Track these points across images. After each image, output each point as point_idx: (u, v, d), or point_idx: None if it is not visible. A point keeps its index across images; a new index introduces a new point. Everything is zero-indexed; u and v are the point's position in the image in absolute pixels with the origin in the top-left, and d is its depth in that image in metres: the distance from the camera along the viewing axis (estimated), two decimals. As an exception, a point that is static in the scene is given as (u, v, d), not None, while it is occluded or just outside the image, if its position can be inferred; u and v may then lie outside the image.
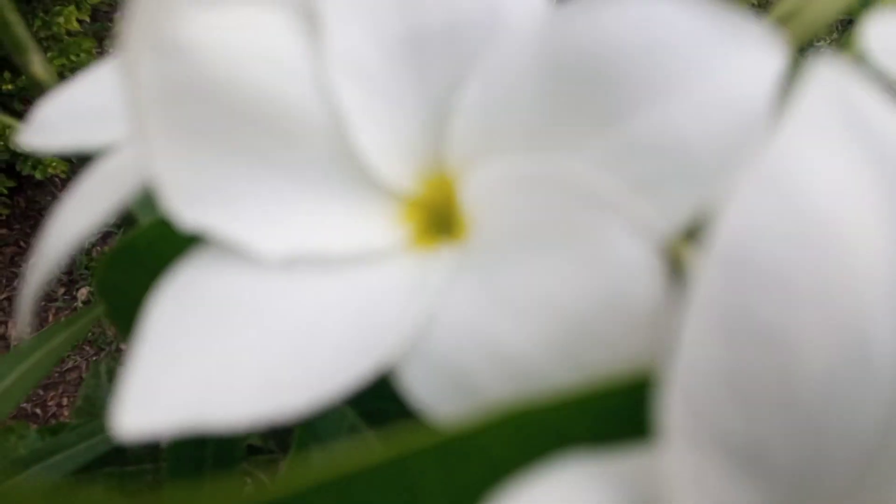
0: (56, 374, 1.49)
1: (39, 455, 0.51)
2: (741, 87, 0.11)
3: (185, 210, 0.12)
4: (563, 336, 0.11)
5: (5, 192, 1.36)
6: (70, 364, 1.48)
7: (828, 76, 0.08)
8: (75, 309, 1.63)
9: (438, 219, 0.14)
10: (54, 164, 1.31)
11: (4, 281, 1.65)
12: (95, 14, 1.40)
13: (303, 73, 0.13)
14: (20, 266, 1.67)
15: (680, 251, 0.11)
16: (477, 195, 0.13)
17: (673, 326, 0.08)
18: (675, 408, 0.08)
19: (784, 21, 0.20)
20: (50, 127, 0.17)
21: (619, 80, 0.12)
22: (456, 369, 0.11)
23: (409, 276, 0.13)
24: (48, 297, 1.61)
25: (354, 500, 0.07)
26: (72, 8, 1.27)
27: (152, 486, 0.71)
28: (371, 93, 0.13)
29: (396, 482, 0.07)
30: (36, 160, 1.31)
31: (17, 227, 1.66)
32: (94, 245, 1.53)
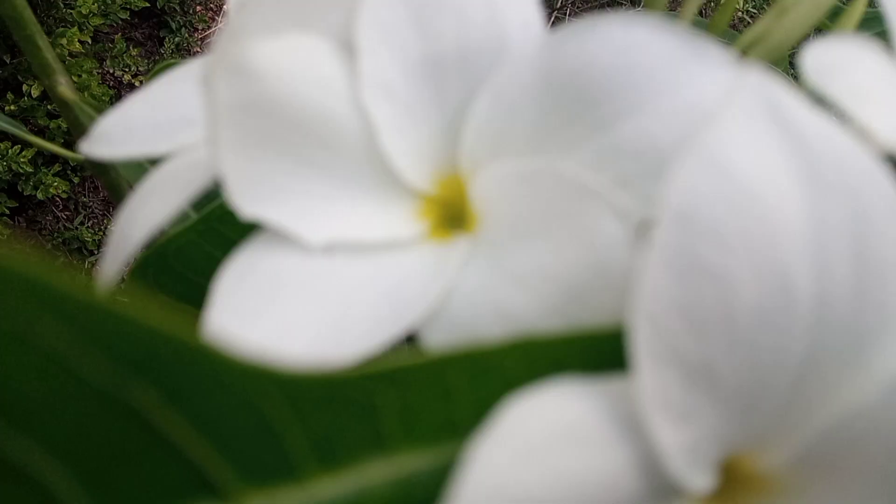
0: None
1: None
2: (702, 100, 0.14)
3: (245, 203, 0.14)
4: (560, 299, 0.13)
5: (7, 212, 1.37)
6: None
7: (756, 81, 0.11)
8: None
9: (453, 214, 0.17)
10: (56, 183, 1.32)
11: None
12: (97, 35, 1.42)
13: (341, 92, 0.15)
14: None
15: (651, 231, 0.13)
16: (485, 192, 0.16)
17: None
18: (640, 333, 0.10)
19: (755, 43, 0.22)
20: (109, 139, 0.19)
21: (603, 95, 0.15)
22: (470, 330, 0.13)
23: (429, 260, 0.15)
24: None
25: (398, 393, 0.09)
26: (74, 30, 1.30)
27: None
28: (396, 108, 0.16)
29: (434, 384, 0.10)
30: (37, 180, 1.33)
31: (18, 247, 1.67)
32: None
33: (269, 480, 0.08)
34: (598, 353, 0.11)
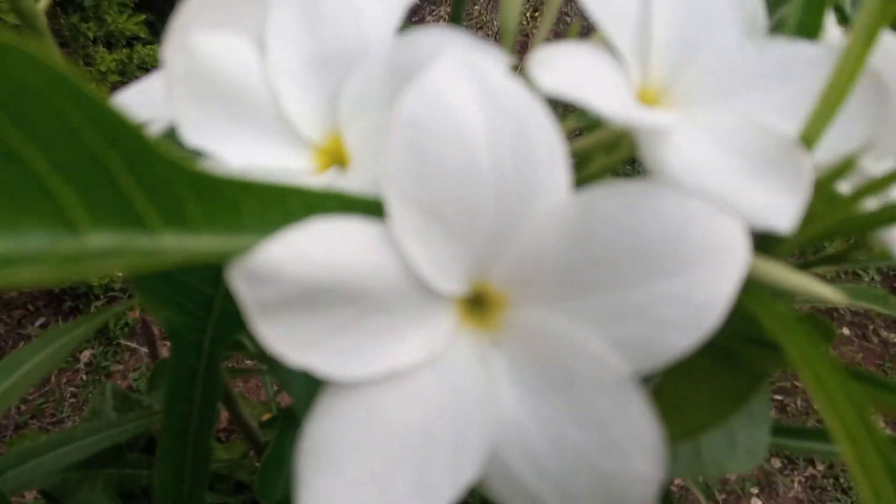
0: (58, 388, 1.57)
1: (49, 446, 0.59)
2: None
3: (191, 138, 0.23)
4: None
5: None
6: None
7: (464, 49, 0.19)
8: (57, 321, 1.74)
9: (337, 159, 0.25)
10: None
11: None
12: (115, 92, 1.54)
13: (256, 72, 0.24)
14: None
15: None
16: (352, 141, 0.24)
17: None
18: (388, 186, 0.18)
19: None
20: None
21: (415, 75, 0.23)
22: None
23: (312, 181, 0.24)
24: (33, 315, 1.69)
25: (257, 209, 0.17)
26: (93, 86, 1.42)
27: (146, 487, 0.79)
28: (294, 85, 0.24)
29: (277, 205, 0.18)
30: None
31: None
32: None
33: (178, 227, 0.16)
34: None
